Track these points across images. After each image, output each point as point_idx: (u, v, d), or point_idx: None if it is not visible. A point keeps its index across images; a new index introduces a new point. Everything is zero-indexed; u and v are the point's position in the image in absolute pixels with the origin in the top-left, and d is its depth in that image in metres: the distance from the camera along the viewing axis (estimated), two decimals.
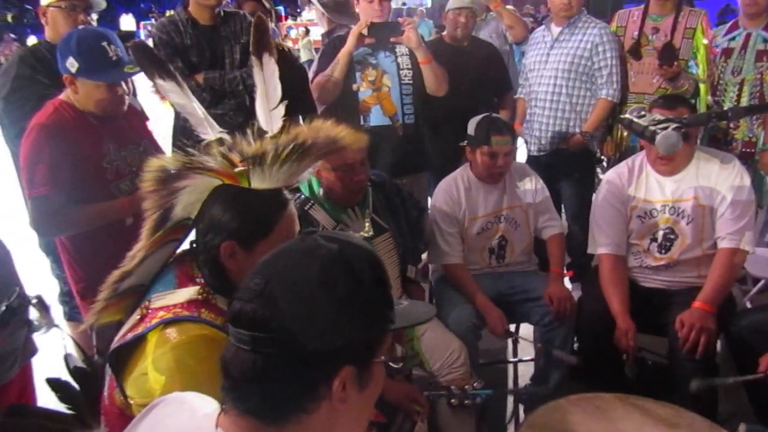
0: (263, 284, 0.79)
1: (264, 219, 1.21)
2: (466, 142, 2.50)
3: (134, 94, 2.96)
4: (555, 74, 3.13)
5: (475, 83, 3.24)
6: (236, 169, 1.20)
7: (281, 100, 1.42)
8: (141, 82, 2.48)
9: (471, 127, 2.47)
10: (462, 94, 3.13)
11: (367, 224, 2.13)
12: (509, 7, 3.84)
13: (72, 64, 1.90)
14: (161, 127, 2.75)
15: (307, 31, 11.87)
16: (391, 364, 0.87)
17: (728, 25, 3.16)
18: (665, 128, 1.72)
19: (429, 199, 2.88)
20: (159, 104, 4.42)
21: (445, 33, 3.44)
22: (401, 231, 2.26)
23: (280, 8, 12.36)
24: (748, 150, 3.07)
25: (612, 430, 1.67)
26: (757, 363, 1.86)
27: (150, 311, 1.18)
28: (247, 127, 1.25)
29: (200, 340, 1.13)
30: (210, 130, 1.40)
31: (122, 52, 1.98)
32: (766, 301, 2.83)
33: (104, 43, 1.93)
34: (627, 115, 1.90)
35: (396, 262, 2.22)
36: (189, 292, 1.20)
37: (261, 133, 1.26)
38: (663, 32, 3.03)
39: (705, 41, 2.99)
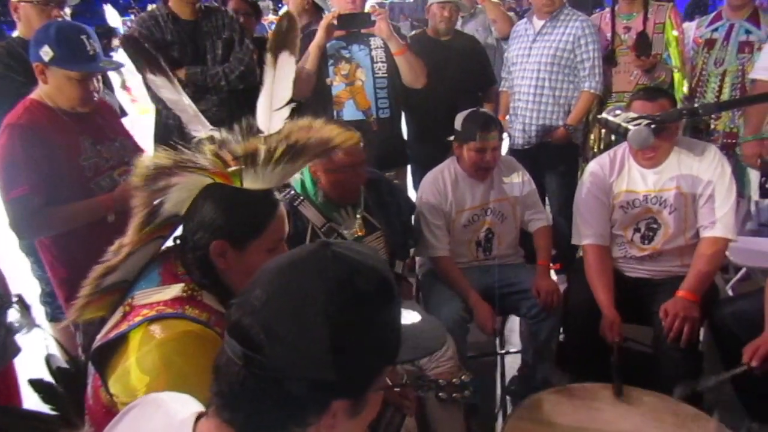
0: (264, 299, 0.75)
1: (255, 219, 1.20)
2: (453, 137, 2.50)
3: (111, 90, 2.92)
4: (538, 67, 3.14)
5: (459, 77, 3.24)
6: (230, 169, 1.19)
7: (288, 103, 1.39)
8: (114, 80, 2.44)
9: (458, 122, 2.47)
10: (445, 87, 3.13)
11: (357, 223, 2.12)
12: (495, 0, 3.83)
13: (46, 52, 1.87)
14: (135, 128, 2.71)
15: None
16: (390, 389, 0.83)
17: (712, 16, 3.18)
18: (638, 124, 1.75)
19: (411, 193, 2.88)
20: (129, 105, 4.37)
21: (428, 27, 3.43)
22: (393, 230, 2.26)
23: (269, 2, 12.24)
24: (729, 141, 3.11)
25: (599, 419, 1.69)
26: (740, 351, 1.88)
27: (133, 309, 1.17)
28: (232, 124, 1.24)
29: (186, 336, 1.11)
30: (201, 128, 1.38)
31: (99, 49, 1.96)
32: (748, 289, 2.86)
33: (83, 37, 1.91)
34: (603, 115, 1.95)
35: (385, 261, 2.22)
36: (173, 290, 1.19)
37: (251, 131, 1.25)
38: (635, 30, 3.08)
39: (675, 33, 3.03)
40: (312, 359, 0.73)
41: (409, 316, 0.86)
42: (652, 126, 1.75)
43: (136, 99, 5.17)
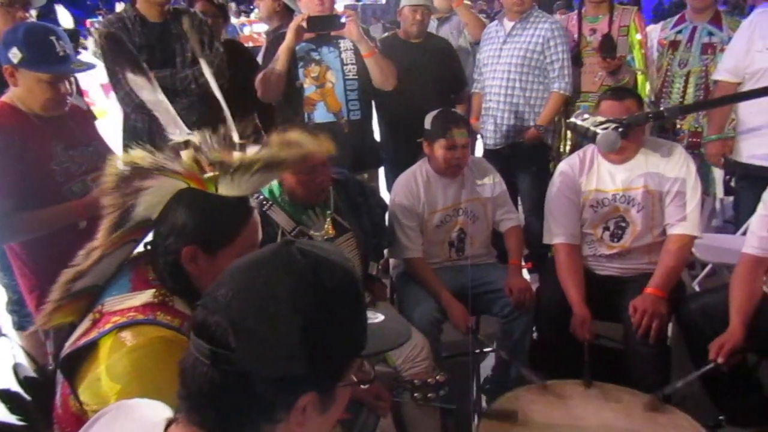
0: (230, 297, 0.74)
1: (229, 226, 1.19)
2: (423, 137, 2.52)
3: (79, 94, 2.87)
4: (508, 68, 3.18)
5: (430, 79, 3.26)
6: (206, 176, 1.18)
7: (239, 101, 1.39)
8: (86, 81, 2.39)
9: (427, 121, 2.49)
10: (417, 89, 3.14)
11: (327, 226, 2.11)
12: (467, 2, 3.86)
13: (15, 54, 1.83)
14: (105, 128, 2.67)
15: None
16: (357, 385, 0.83)
17: (676, 18, 3.26)
18: (605, 128, 1.79)
19: (385, 195, 2.88)
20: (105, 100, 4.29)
21: (400, 29, 3.45)
22: (364, 230, 2.26)
23: (232, 4, 12.13)
24: (695, 140, 3.18)
25: (572, 416, 1.71)
26: (707, 345, 1.92)
27: (103, 316, 1.15)
28: (201, 127, 1.23)
29: (158, 342, 1.10)
30: (178, 131, 1.37)
31: (71, 50, 1.92)
32: (714, 285, 2.94)
33: (52, 38, 1.88)
34: (571, 119, 1.99)
35: (358, 262, 2.22)
36: (144, 296, 1.17)
37: (229, 140, 1.24)
38: (600, 32, 3.14)
39: (639, 36, 3.11)
40: (281, 352, 0.73)
41: (373, 317, 0.87)
42: (620, 129, 1.79)
43: (92, 102, 5.10)
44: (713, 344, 1.91)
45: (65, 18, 6.51)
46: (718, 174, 3.37)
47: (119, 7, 3.36)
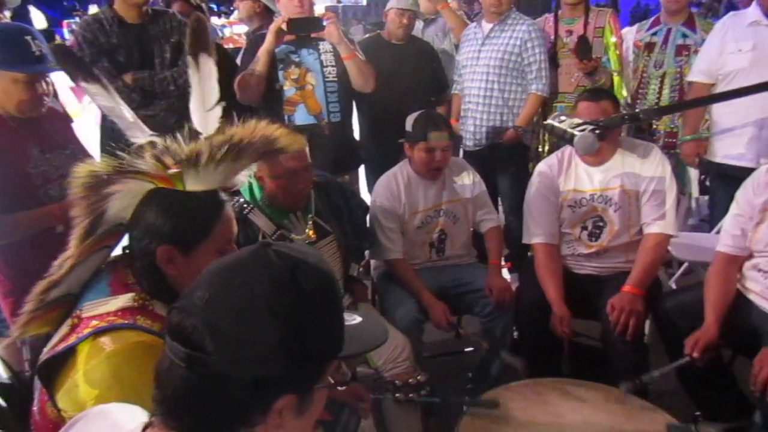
0: (206, 299, 0.74)
1: (201, 221, 1.18)
2: (404, 139, 2.53)
3: (55, 96, 2.83)
4: (487, 70, 3.20)
5: (412, 81, 3.28)
6: (170, 172, 1.18)
7: (218, 101, 1.39)
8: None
9: (409, 123, 2.50)
10: (398, 91, 3.16)
11: (308, 230, 2.11)
12: (452, 3, 3.87)
13: None
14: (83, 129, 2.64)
15: None
16: (335, 387, 0.84)
17: (651, 20, 3.32)
18: (582, 130, 1.82)
19: (366, 196, 2.89)
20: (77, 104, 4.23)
21: (383, 30, 3.46)
22: (345, 233, 2.26)
23: (213, 6, 12.05)
24: (670, 140, 3.23)
25: (552, 414, 1.73)
26: (683, 342, 1.96)
27: (81, 321, 1.14)
28: (180, 128, 1.23)
29: (137, 347, 1.09)
30: (140, 134, 1.36)
31: (46, 50, 1.90)
32: (690, 283, 2.99)
33: (28, 37, 1.85)
34: (549, 121, 2.01)
35: (339, 265, 2.22)
36: (123, 300, 1.16)
37: (194, 135, 1.24)
38: (576, 34, 3.19)
39: (614, 39, 3.16)
40: (257, 355, 0.73)
41: (351, 319, 0.87)
42: (597, 131, 1.81)
43: (63, 103, 5.04)
44: (689, 339, 1.95)
45: (38, 19, 6.42)
46: (693, 173, 3.44)
47: (93, 9, 3.31)
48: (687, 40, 3.17)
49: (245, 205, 2.04)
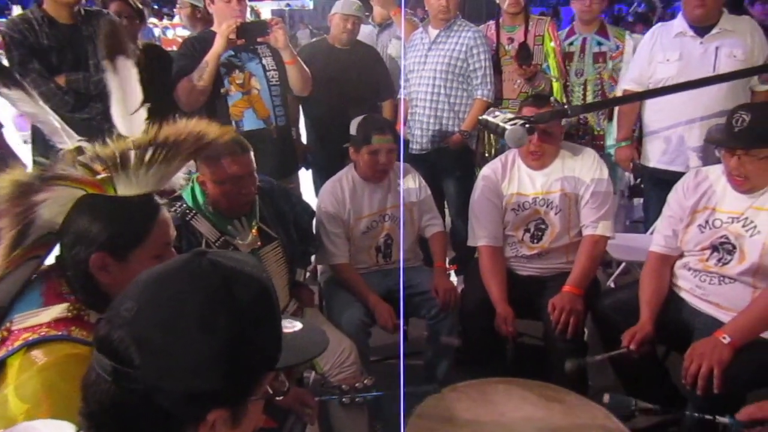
0: (135, 310, 0.71)
1: (135, 226, 1.15)
2: (349, 143, 2.53)
3: None
4: (433, 75, 3.24)
5: (356, 85, 3.29)
6: (99, 177, 1.14)
7: (143, 103, 1.35)
8: None
9: (353, 127, 2.51)
10: (343, 95, 3.16)
11: (252, 236, 2.07)
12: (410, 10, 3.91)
13: None
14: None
15: None
16: (272, 399, 0.81)
17: (567, 30, 3.43)
18: (513, 125, 1.88)
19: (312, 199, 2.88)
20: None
21: (328, 35, 3.45)
22: (290, 238, 2.23)
23: (155, 5, 11.73)
24: (598, 142, 3.34)
25: (496, 412, 1.77)
26: (620, 338, 2.04)
27: (12, 333, 1.09)
28: (117, 134, 1.19)
29: (71, 359, 1.05)
30: (67, 139, 1.31)
31: None
32: (627, 282, 3.10)
33: None
34: (483, 116, 2.06)
35: (285, 271, 2.20)
36: (57, 310, 1.12)
37: (121, 139, 1.20)
38: (517, 41, 3.27)
39: (553, 45, 3.26)
40: (188, 369, 0.70)
41: (291, 326, 0.86)
42: (527, 126, 1.88)
43: None
44: (625, 334, 2.03)
45: None
46: (623, 173, 3.57)
47: (16, 11, 3.17)
48: (602, 47, 3.28)
49: (188, 211, 1.98)
